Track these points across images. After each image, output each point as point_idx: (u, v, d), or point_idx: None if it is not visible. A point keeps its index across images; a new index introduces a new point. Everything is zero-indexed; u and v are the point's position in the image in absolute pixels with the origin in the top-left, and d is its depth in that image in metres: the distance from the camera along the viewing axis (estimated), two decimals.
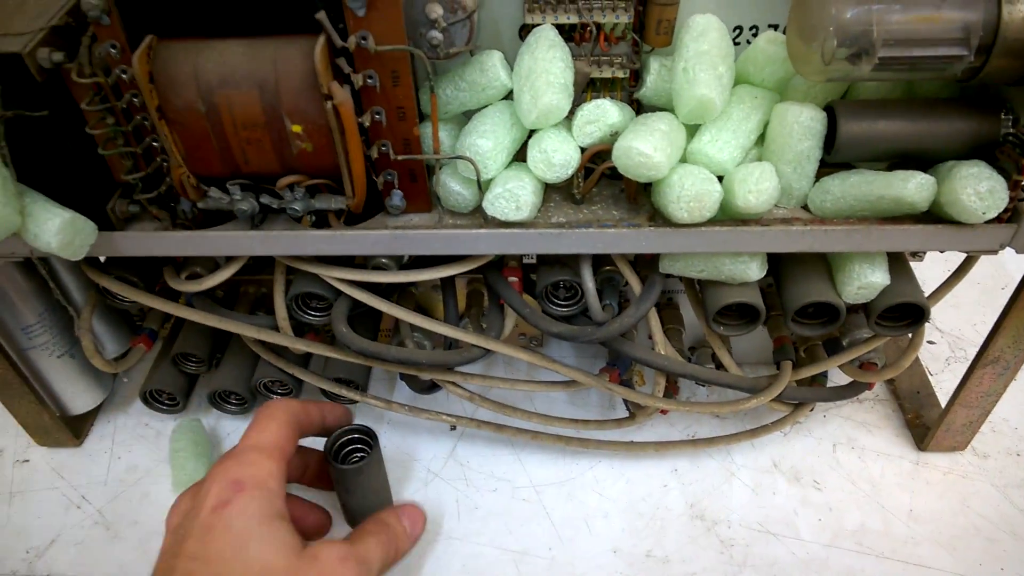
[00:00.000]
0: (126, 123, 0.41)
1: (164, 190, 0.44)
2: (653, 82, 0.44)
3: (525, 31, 0.43)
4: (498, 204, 0.42)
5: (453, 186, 0.44)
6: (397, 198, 0.45)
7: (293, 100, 0.39)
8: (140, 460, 0.58)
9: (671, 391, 0.53)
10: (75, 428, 0.59)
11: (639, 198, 0.45)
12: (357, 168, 0.41)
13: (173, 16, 0.39)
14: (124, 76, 0.39)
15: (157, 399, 0.59)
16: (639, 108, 0.45)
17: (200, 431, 0.58)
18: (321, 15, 0.37)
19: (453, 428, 0.59)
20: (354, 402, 0.56)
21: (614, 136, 0.43)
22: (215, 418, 0.60)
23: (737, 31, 0.44)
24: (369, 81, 0.39)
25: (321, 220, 0.45)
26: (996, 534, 0.52)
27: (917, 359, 0.61)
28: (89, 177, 0.44)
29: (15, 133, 0.40)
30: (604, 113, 0.43)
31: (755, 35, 0.45)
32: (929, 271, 0.54)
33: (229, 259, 0.48)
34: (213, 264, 0.51)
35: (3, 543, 0.54)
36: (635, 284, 0.49)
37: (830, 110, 0.43)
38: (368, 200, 0.43)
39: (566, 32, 0.42)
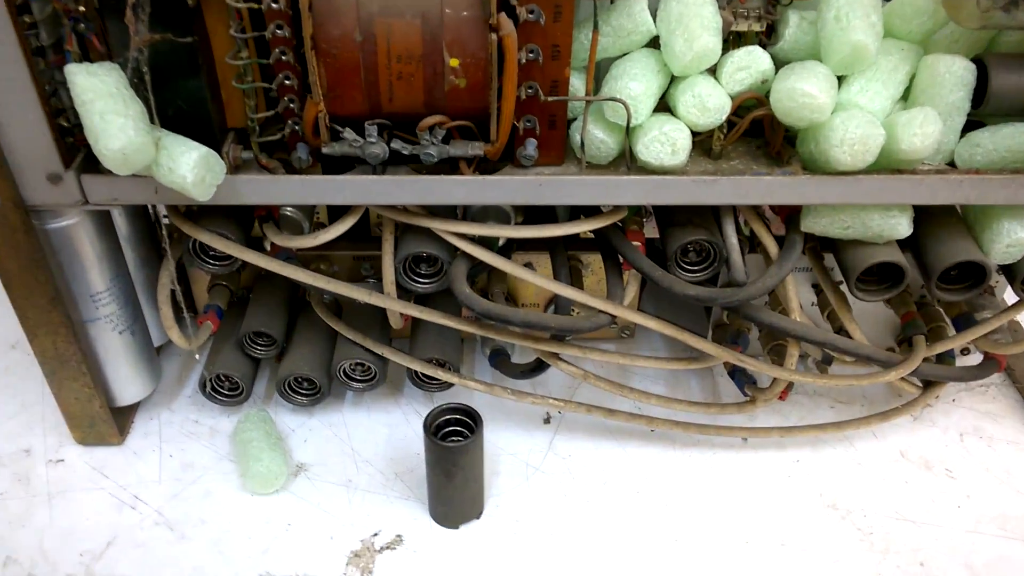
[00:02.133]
0: (259, 57, 0.47)
1: (284, 135, 0.50)
2: (792, 35, 0.52)
3: None
4: (653, 148, 0.49)
5: (596, 133, 0.51)
6: (531, 147, 0.51)
7: (455, 31, 0.46)
8: (196, 458, 0.62)
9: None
10: (119, 423, 0.62)
11: (783, 151, 0.53)
12: (507, 108, 0.48)
13: None
14: (275, 4, 0.45)
15: (216, 389, 0.63)
16: None
17: (271, 421, 0.62)
18: None
19: (547, 420, 0.65)
20: (449, 385, 0.61)
21: (765, 84, 0.51)
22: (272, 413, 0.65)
23: None
24: (530, 16, 0.46)
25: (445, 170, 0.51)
26: None
27: None
28: (198, 123, 0.49)
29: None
30: (756, 59, 0.50)
31: None
32: None
33: (344, 212, 0.53)
34: (299, 227, 0.57)
35: (50, 545, 0.56)
36: (769, 243, 0.55)
37: (979, 63, 0.51)
38: None
39: None
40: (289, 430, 0.64)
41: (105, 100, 0.44)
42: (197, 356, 0.61)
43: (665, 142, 0.49)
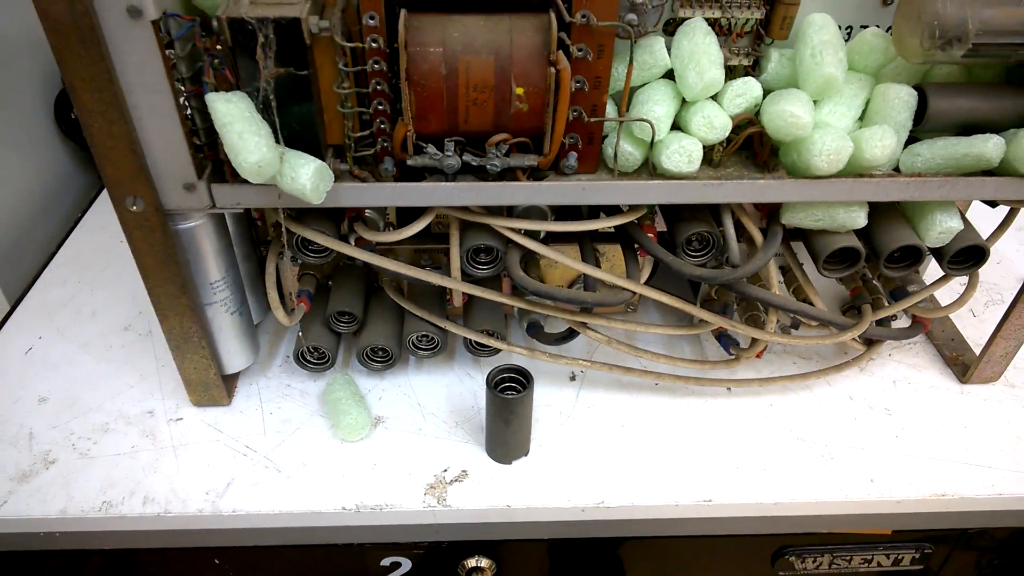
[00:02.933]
0: (357, 86, 0.47)
1: (375, 151, 0.50)
2: (773, 68, 0.53)
3: (672, 24, 0.52)
4: (674, 158, 0.50)
5: (625, 146, 0.52)
6: (572, 159, 0.52)
7: (522, 66, 0.46)
8: (292, 414, 0.62)
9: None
10: (228, 387, 0.62)
11: (769, 160, 0.54)
12: (559, 127, 0.49)
13: None
14: (375, 44, 0.45)
15: (306, 358, 0.63)
16: None
17: (354, 383, 0.62)
18: None
19: (573, 378, 0.66)
20: (496, 352, 0.62)
21: (756, 107, 0.52)
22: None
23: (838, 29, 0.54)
24: (579, 53, 0.47)
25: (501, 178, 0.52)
26: None
27: (947, 316, 0.72)
28: (309, 141, 0.49)
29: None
30: (751, 88, 0.51)
31: (849, 34, 0.55)
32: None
33: (419, 214, 0.54)
34: (377, 225, 0.57)
35: (181, 486, 0.56)
36: (755, 233, 0.57)
37: (919, 90, 0.53)
38: None
39: None
40: (366, 390, 0.64)
41: (242, 123, 0.44)
42: (300, 334, 0.61)
43: (683, 154, 0.50)
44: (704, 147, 0.52)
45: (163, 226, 0.50)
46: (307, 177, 0.46)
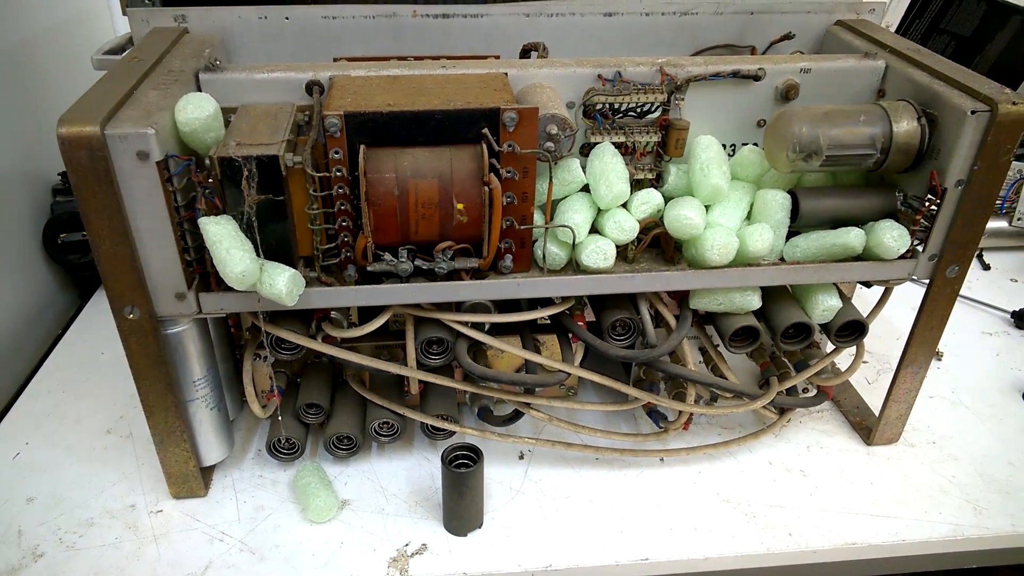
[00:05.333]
0: (325, 207, 0.57)
1: (340, 260, 0.59)
2: (672, 180, 0.65)
3: (587, 147, 0.64)
4: (592, 256, 0.61)
5: (552, 248, 0.62)
6: (508, 260, 0.62)
7: (461, 186, 0.57)
8: (264, 502, 0.68)
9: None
10: (204, 479, 0.68)
11: (674, 256, 0.65)
12: (495, 234, 0.59)
13: (378, 133, 0.56)
14: (339, 173, 0.56)
15: (277, 449, 0.70)
16: None
17: (322, 470, 0.69)
18: (486, 130, 0.56)
19: (521, 456, 0.74)
20: (451, 434, 0.70)
21: (658, 212, 0.63)
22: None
23: (723, 147, 0.67)
24: (508, 174, 0.58)
25: (448, 279, 0.61)
26: (932, 493, 0.71)
27: (848, 382, 0.82)
28: (283, 253, 0.58)
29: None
30: (652, 197, 0.63)
31: (734, 151, 0.67)
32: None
33: (378, 313, 0.63)
34: (340, 324, 0.66)
35: (162, 572, 0.61)
36: (669, 318, 0.67)
37: (792, 194, 0.65)
38: None
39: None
40: (333, 476, 0.71)
41: (228, 240, 0.53)
42: (280, 417, 0.68)
43: (600, 252, 0.61)
44: (619, 246, 0.63)
45: (155, 331, 0.58)
46: (283, 283, 0.55)
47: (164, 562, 0.62)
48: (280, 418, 0.68)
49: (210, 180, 0.54)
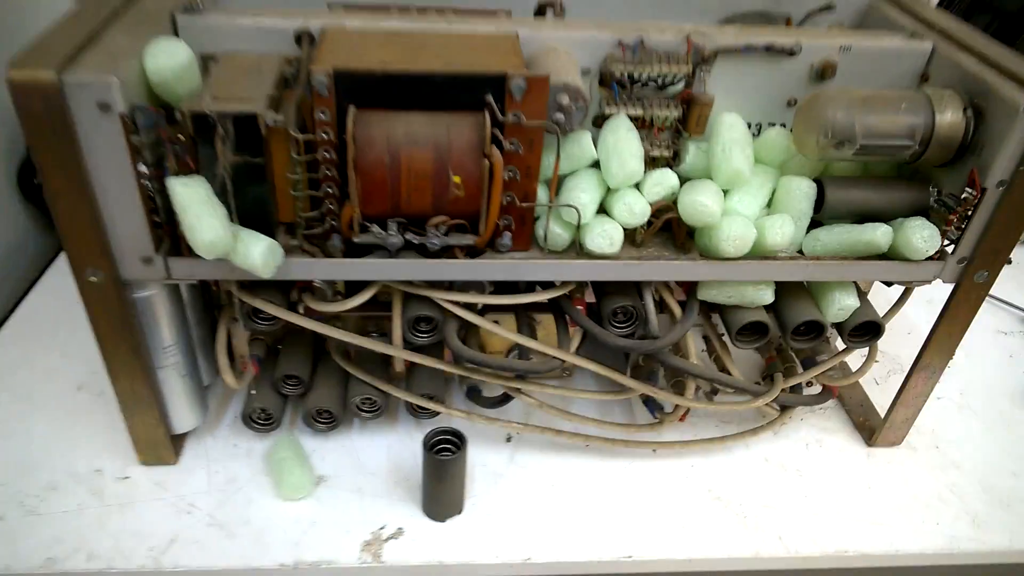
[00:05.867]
0: (309, 172, 0.52)
1: (324, 229, 0.55)
2: (691, 160, 0.60)
3: (600, 119, 0.58)
4: (597, 240, 0.56)
5: (555, 228, 0.57)
6: (507, 238, 0.57)
7: (458, 158, 0.52)
8: (237, 473, 0.65)
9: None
10: (175, 447, 0.65)
11: (685, 243, 0.60)
12: (494, 211, 0.54)
13: (370, 95, 0.51)
14: (325, 136, 0.51)
15: (254, 419, 0.66)
16: None
17: (299, 444, 0.66)
18: (489, 98, 0.51)
19: (508, 439, 0.70)
20: (436, 414, 0.66)
21: (673, 195, 0.58)
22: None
23: (747, 127, 0.61)
24: (511, 146, 0.53)
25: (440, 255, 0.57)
26: (930, 501, 0.68)
27: (858, 382, 0.79)
28: (262, 220, 0.53)
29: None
30: (667, 178, 0.58)
31: (759, 131, 0.62)
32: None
33: (366, 285, 0.58)
34: (325, 295, 0.61)
35: (125, 544, 0.59)
36: (675, 307, 0.63)
37: (819, 183, 0.60)
38: None
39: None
40: (311, 450, 0.67)
41: (199, 205, 0.48)
42: (253, 391, 0.64)
43: (605, 236, 0.56)
44: (627, 229, 0.58)
45: (120, 296, 0.54)
46: (258, 254, 0.50)
47: (127, 532, 0.59)
48: (254, 392, 0.65)
49: (180, 137, 0.49)
